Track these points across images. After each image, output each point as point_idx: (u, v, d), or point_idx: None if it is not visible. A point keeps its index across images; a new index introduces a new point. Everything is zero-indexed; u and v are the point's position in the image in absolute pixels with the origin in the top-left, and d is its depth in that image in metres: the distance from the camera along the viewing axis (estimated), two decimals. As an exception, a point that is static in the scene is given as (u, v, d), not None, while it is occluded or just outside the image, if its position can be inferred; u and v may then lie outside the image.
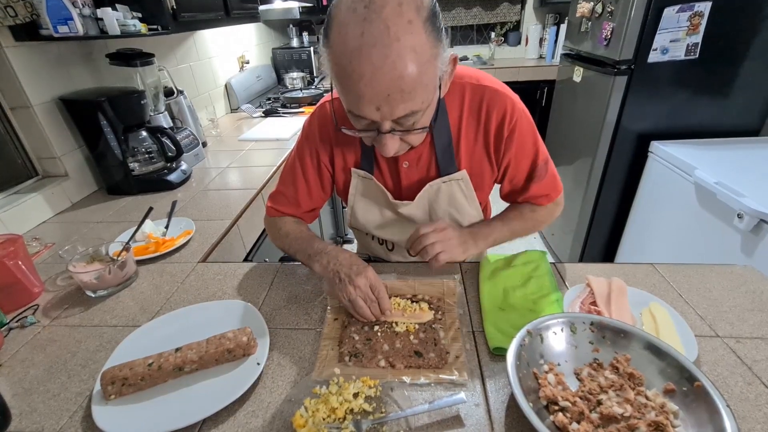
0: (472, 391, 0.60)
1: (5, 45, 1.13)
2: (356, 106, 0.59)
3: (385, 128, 0.61)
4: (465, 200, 0.84)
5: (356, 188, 0.87)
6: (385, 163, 0.84)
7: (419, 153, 0.80)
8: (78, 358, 0.71)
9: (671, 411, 0.53)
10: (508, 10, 3.72)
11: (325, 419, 0.55)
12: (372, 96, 0.56)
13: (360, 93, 0.56)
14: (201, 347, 0.64)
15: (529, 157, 0.81)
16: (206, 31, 2.14)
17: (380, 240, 0.93)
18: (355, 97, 0.58)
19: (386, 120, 0.60)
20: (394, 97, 0.56)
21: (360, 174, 0.85)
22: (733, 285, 0.80)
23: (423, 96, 0.59)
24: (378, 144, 0.66)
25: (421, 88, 0.58)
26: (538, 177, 0.82)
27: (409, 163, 0.82)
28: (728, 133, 1.83)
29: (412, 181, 0.84)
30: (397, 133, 0.64)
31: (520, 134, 0.77)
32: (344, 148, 0.85)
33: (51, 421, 0.59)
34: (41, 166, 1.32)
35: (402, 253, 0.93)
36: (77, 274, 0.83)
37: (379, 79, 0.54)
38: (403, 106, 0.58)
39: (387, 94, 0.56)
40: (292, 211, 0.91)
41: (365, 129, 0.64)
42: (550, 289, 0.78)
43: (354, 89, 0.56)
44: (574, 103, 2.26)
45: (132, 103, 1.32)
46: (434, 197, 0.83)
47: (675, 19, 1.62)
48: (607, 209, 2.10)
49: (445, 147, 0.79)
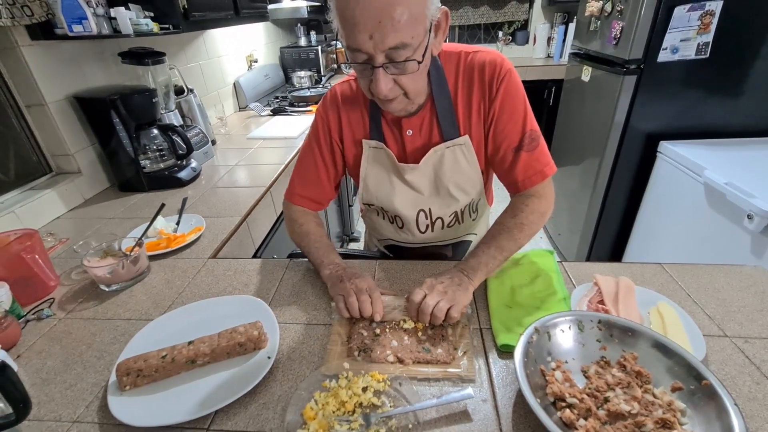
0: (480, 387, 0.61)
1: (21, 44, 1.15)
2: (352, 36, 0.64)
3: (378, 61, 0.66)
4: (468, 165, 0.86)
5: (367, 160, 0.90)
6: (390, 133, 0.87)
7: (422, 119, 0.84)
8: (93, 350, 0.72)
9: (678, 409, 0.53)
10: (516, 9, 3.71)
11: (334, 412, 0.56)
12: (365, 21, 0.61)
13: (355, 20, 0.62)
14: (213, 341, 0.65)
15: (517, 122, 0.80)
16: (215, 30, 2.16)
17: (391, 218, 0.95)
18: (351, 27, 0.63)
19: (379, 51, 0.64)
20: (385, 24, 0.61)
21: (371, 144, 0.88)
22: (742, 285, 0.79)
23: (413, 30, 0.64)
24: (373, 84, 0.69)
25: (410, 20, 0.62)
26: (527, 147, 0.81)
27: (412, 131, 0.85)
28: (738, 133, 1.81)
29: (417, 147, 0.86)
30: (390, 70, 0.68)
31: (508, 91, 0.79)
32: (353, 123, 0.89)
33: (68, 411, 0.61)
34: (55, 162, 1.34)
35: (412, 231, 0.95)
36: (91, 268, 0.84)
37: (371, 4, 0.60)
38: (394, 36, 0.62)
39: (378, 21, 0.61)
40: (316, 192, 0.94)
41: (361, 64, 0.68)
42: (557, 288, 0.78)
43: (349, 18, 0.62)
44: (582, 102, 2.25)
45: (144, 101, 1.34)
46: (438, 163, 0.86)
47: (686, 18, 1.61)
48: (615, 209, 2.09)
49: (446, 111, 0.82)
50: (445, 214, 0.92)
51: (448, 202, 0.90)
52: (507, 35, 3.78)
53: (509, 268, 0.84)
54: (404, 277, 0.87)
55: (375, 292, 0.73)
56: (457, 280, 0.72)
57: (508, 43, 3.80)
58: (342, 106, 0.88)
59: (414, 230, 0.95)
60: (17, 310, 0.79)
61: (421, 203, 0.91)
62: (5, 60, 1.17)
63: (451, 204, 0.90)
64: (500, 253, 0.77)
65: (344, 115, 0.89)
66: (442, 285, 0.71)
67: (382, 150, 0.88)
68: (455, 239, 1.00)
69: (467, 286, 0.72)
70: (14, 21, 1.05)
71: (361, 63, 0.68)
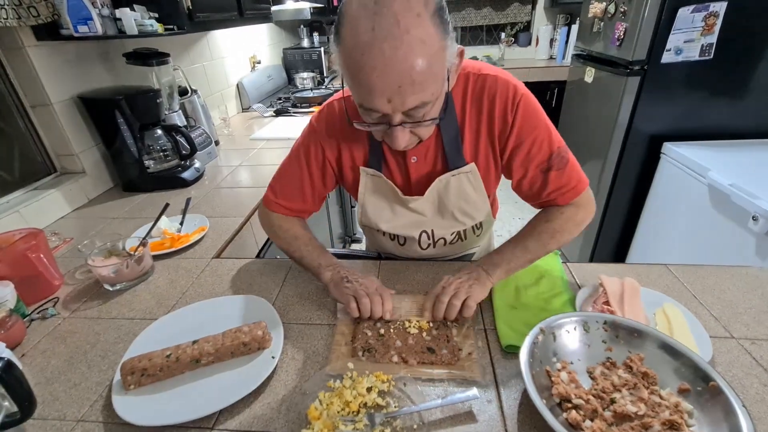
0: (485, 388, 0.60)
1: (27, 44, 1.16)
2: (368, 99, 0.61)
3: (395, 121, 0.63)
4: (474, 192, 0.84)
5: (365, 186, 0.87)
6: (393, 160, 0.84)
7: (427, 147, 0.81)
8: (97, 349, 0.72)
9: (686, 410, 0.53)
10: (519, 10, 3.71)
11: (339, 412, 0.56)
12: (383, 88, 0.58)
13: (372, 85, 0.58)
14: (217, 340, 0.65)
15: (542, 144, 0.76)
16: (219, 31, 2.17)
17: (391, 236, 0.94)
18: (367, 90, 0.59)
19: (397, 112, 0.61)
20: (405, 88, 0.58)
21: (369, 172, 0.86)
22: (748, 287, 0.79)
23: (433, 87, 0.61)
24: (388, 138, 0.68)
25: (431, 79, 0.59)
26: (556, 166, 0.77)
27: (417, 158, 0.82)
28: (743, 134, 1.80)
29: (421, 174, 0.84)
30: (408, 126, 0.65)
31: (526, 117, 0.74)
32: (352, 147, 0.85)
33: (72, 409, 0.61)
34: (60, 162, 1.35)
35: (413, 248, 0.93)
36: (96, 268, 0.85)
37: (390, 71, 0.56)
38: (414, 98, 0.59)
39: (398, 86, 0.57)
40: (298, 205, 0.90)
41: (376, 122, 0.65)
42: (562, 288, 0.78)
43: (366, 82, 0.58)
44: (585, 104, 2.25)
45: (148, 101, 1.34)
46: (444, 191, 0.84)
47: (689, 19, 1.60)
48: (618, 211, 2.08)
49: (452, 139, 0.79)
50: (448, 234, 0.90)
51: (452, 224, 0.88)
52: (509, 37, 3.78)
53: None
54: (408, 277, 0.87)
55: (385, 292, 0.73)
56: (475, 275, 0.74)
57: (510, 45, 3.80)
58: (340, 128, 0.83)
59: (415, 248, 0.93)
60: (22, 309, 0.80)
61: (424, 225, 0.88)
62: (11, 60, 1.18)
63: (454, 225, 0.88)
64: (525, 254, 0.77)
65: (342, 138, 0.84)
66: (460, 280, 0.72)
67: (381, 179, 0.85)
68: (458, 254, 0.99)
69: (485, 282, 0.73)
70: (20, 21, 1.06)
71: (377, 119, 0.64)
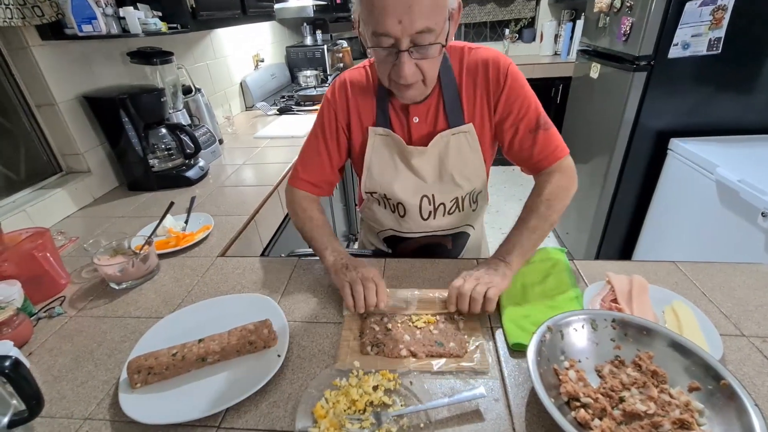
0: (492, 386, 0.60)
1: (32, 44, 1.16)
2: (380, 21, 0.65)
3: (404, 45, 0.67)
4: (472, 153, 0.88)
5: (372, 147, 0.91)
6: (396, 120, 0.89)
7: (428, 106, 0.85)
8: (104, 347, 0.72)
9: (696, 409, 0.52)
10: (523, 6, 3.68)
11: (345, 411, 0.56)
12: (395, 6, 0.63)
13: (384, 5, 0.63)
14: (223, 338, 0.65)
15: (530, 106, 0.84)
16: (222, 29, 2.17)
17: (393, 206, 0.95)
18: (380, 11, 0.64)
19: (406, 35, 0.66)
20: (414, 8, 0.63)
21: (377, 131, 0.89)
22: (759, 284, 0.78)
23: (437, 15, 0.66)
24: (396, 70, 0.72)
25: (435, 6, 0.65)
26: (543, 126, 0.84)
27: (419, 117, 0.86)
28: (751, 130, 1.78)
29: (422, 134, 0.88)
30: (414, 55, 0.69)
31: (515, 79, 0.82)
32: (361, 111, 0.90)
33: (80, 408, 0.61)
34: (65, 162, 1.36)
35: (414, 218, 0.95)
36: (102, 266, 0.85)
37: None
38: (422, 21, 0.65)
39: (409, 5, 0.63)
40: (319, 177, 0.95)
41: (387, 48, 0.69)
42: (569, 286, 0.77)
43: (378, 3, 0.64)
44: (590, 100, 2.23)
45: (152, 100, 1.34)
46: (444, 151, 0.87)
47: (697, 13, 1.58)
48: (624, 208, 2.06)
49: (452, 100, 0.84)
50: (447, 200, 0.93)
51: (451, 188, 0.91)
52: (514, 33, 3.76)
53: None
54: (414, 275, 0.86)
55: (380, 282, 0.74)
56: (493, 265, 0.76)
57: (514, 41, 3.77)
58: (351, 92, 0.89)
59: (416, 217, 0.95)
60: (29, 308, 0.80)
61: (424, 189, 0.91)
62: (16, 60, 1.18)
63: (454, 190, 0.91)
64: (533, 233, 0.80)
65: (353, 102, 0.89)
66: (479, 272, 0.74)
67: (389, 137, 0.89)
68: (455, 229, 1.00)
69: (504, 270, 0.75)
70: (25, 21, 1.06)
71: (387, 47, 0.69)
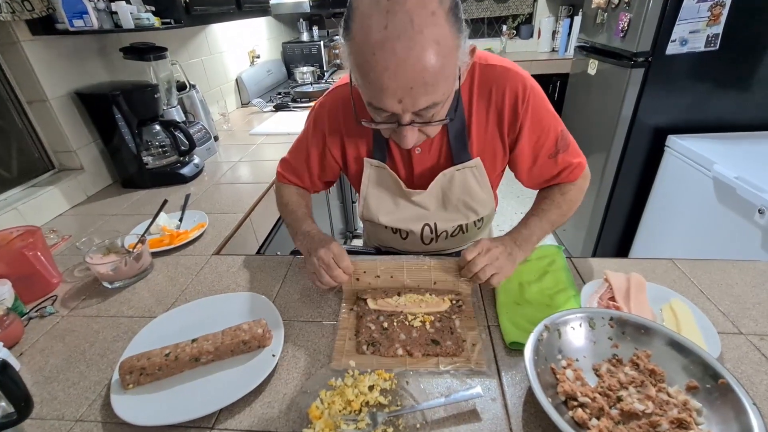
0: (489, 385, 0.59)
1: (22, 39, 1.14)
2: (378, 99, 0.59)
3: (405, 120, 0.61)
4: (478, 186, 0.84)
5: (369, 178, 0.87)
6: (397, 151, 0.84)
7: (431, 139, 0.80)
8: (96, 347, 0.71)
9: (694, 408, 0.52)
10: (521, 2, 3.66)
11: (341, 411, 0.55)
12: (395, 88, 0.56)
13: (383, 85, 0.56)
14: (217, 338, 0.64)
15: (549, 131, 0.79)
16: (217, 25, 2.15)
17: (393, 229, 0.93)
18: (378, 90, 0.57)
19: (407, 112, 0.60)
20: (417, 89, 0.56)
21: (373, 163, 0.85)
22: (756, 281, 0.77)
23: (444, 88, 0.59)
24: (396, 136, 0.66)
25: (443, 80, 0.57)
26: (562, 149, 0.81)
27: (421, 149, 0.82)
28: (749, 126, 1.78)
29: (425, 167, 0.84)
30: (417, 125, 0.63)
31: (536, 111, 0.75)
32: (356, 138, 0.84)
33: (71, 409, 0.60)
34: (57, 159, 1.34)
35: (415, 242, 0.93)
36: (94, 265, 0.84)
37: (403, 72, 0.54)
38: (425, 99, 0.58)
39: (410, 87, 0.55)
40: (296, 182, 0.96)
41: (384, 121, 0.64)
42: (567, 284, 0.77)
43: (377, 82, 0.56)
44: (588, 96, 2.22)
45: (146, 97, 1.33)
46: (447, 186, 0.83)
47: (695, 9, 1.58)
48: (622, 205, 2.06)
49: (458, 133, 0.78)
50: (450, 227, 0.90)
51: (455, 217, 0.88)
52: (511, 29, 3.74)
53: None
54: (410, 273, 0.86)
55: (342, 260, 0.73)
56: (509, 249, 0.74)
57: (512, 37, 3.75)
58: (344, 120, 0.83)
59: (418, 242, 0.93)
60: (20, 307, 0.79)
61: (427, 218, 0.88)
62: (6, 55, 1.16)
63: (458, 219, 0.88)
64: (550, 227, 0.81)
65: (347, 130, 0.83)
66: (497, 250, 0.72)
67: (385, 170, 0.84)
68: (458, 248, 0.98)
69: (515, 259, 0.74)
70: (15, 16, 1.04)
71: (385, 120, 0.63)
